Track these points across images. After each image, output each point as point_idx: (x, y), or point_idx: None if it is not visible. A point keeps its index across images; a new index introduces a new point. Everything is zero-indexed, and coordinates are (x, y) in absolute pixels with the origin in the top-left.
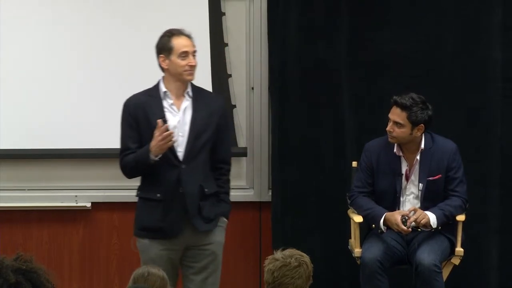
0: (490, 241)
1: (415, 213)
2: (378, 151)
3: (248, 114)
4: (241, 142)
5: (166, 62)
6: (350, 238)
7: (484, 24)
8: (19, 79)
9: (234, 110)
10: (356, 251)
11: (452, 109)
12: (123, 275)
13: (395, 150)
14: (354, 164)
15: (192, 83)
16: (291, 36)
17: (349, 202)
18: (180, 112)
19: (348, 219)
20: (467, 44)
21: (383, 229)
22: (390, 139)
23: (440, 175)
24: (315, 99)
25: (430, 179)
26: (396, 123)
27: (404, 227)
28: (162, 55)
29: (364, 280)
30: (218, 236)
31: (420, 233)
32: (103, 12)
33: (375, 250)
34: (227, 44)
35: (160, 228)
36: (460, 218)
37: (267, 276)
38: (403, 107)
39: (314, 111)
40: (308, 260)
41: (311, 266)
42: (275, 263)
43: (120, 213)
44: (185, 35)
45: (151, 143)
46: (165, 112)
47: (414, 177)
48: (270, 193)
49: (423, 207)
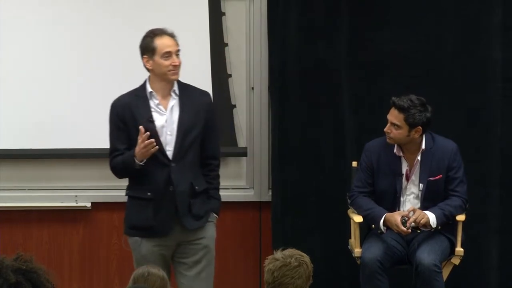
0: (490, 241)
1: (414, 213)
2: (378, 151)
3: (248, 114)
4: (241, 142)
5: (150, 62)
6: (350, 238)
7: (484, 24)
8: (19, 79)
9: (234, 110)
10: (356, 251)
11: (452, 109)
12: (123, 275)
13: (395, 150)
14: (354, 164)
15: (178, 80)
16: (291, 36)
17: (349, 202)
18: (167, 111)
19: (348, 219)
20: (467, 44)
21: (383, 229)
22: (388, 140)
23: (440, 175)
24: (315, 99)
25: (430, 179)
26: (393, 124)
27: (403, 228)
28: (145, 55)
29: (364, 280)
30: (209, 231)
31: (420, 233)
32: (103, 12)
33: (375, 250)
34: (227, 44)
35: (151, 227)
36: (460, 218)
37: (267, 276)
38: (401, 109)
39: (314, 111)
40: (308, 260)
41: (311, 266)
42: (275, 263)
43: (120, 213)
44: (167, 35)
45: (136, 149)
46: (152, 112)
47: (415, 177)
48: (270, 193)
49: (423, 207)
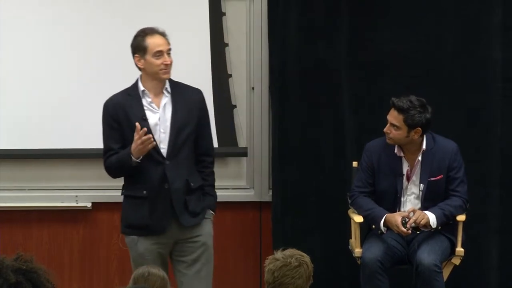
0: (490, 241)
1: (414, 214)
2: (379, 151)
3: (248, 114)
4: (241, 142)
5: (142, 61)
6: (350, 238)
7: (484, 24)
8: (19, 79)
9: (234, 110)
10: (357, 251)
11: (452, 109)
12: (123, 275)
13: (395, 150)
14: (354, 164)
15: (170, 78)
16: (291, 36)
17: (349, 202)
18: (160, 109)
19: (348, 219)
20: (467, 44)
21: (383, 230)
22: (387, 140)
23: (441, 176)
24: (315, 99)
25: (431, 179)
26: (393, 125)
27: (404, 229)
28: (137, 55)
29: (365, 280)
30: (206, 227)
31: (420, 233)
32: (103, 12)
33: (375, 250)
34: (227, 44)
35: (147, 225)
36: (461, 218)
37: (268, 276)
38: (400, 110)
39: (314, 111)
40: (308, 260)
41: (312, 266)
42: (275, 263)
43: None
44: (159, 34)
45: (132, 146)
46: (145, 111)
47: (415, 177)
48: (270, 193)
49: (424, 207)
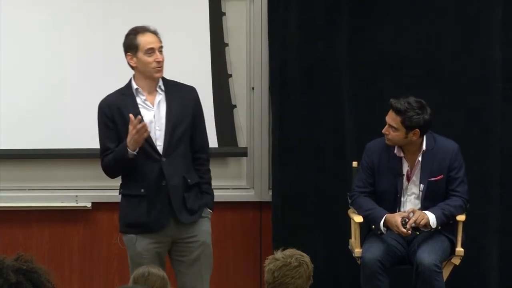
0: (490, 241)
1: (414, 214)
2: (379, 151)
3: (248, 114)
4: (241, 142)
5: (134, 60)
6: (350, 238)
7: (484, 24)
8: (19, 79)
9: (234, 110)
10: (357, 251)
11: (452, 109)
12: (123, 275)
13: (395, 151)
14: (355, 164)
15: (163, 76)
16: (291, 36)
17: (349, 202)
18: (154, 106)
19: (348, 219)
20: (467, 44)
21: (383, 230)
22: (386, 141)
23: (441, 176)
24: (315, 99)
25: (431, 179)
26: (391, 126)
27: (404, 229)
28: (129, 53)
29: (365, 280)
30: (204, 226)
31: (420, 233)
32: (103, 12)
33: (375, 250)
34: (227, 44)
35: (145, 223)
36: (461, 218)
37: (268, 276)
38: (398, 112)
39: (314, 111)
40: (308, 260)
41: (312, 266)
42: (275, 263)
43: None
44: (150, 32)
45: (127, 138)
46: (139, 109)
47: (415, 177)
48: (270, 193)
49: (424, 207)
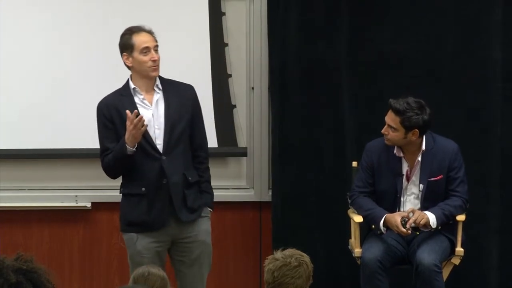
0: (490, 241)
1: (413, 214)
2: (379, 151)
3: (248, 114)
4: (241, 142)
5: (130, 59)
6: (350, 238)
7: (484, 24)
8: (19, 79)
9: (234, 110)
10: (356, 251)
11: (452, 109)
12: (123, 275)
13: (395, 151)
14: (354, 164)
15: (160, 75)
16: (291, 36)
17: (349, 202)
18: (153, 105)
19: (348, 219)
20: (467, 44)
21: (383, 230)
22: (386, 141)
23: (441, 176)
24: (315, 99)
25: (431, 179)
26: (390, 126)
27: (403, 229)
28: (125, 53)
29: (365, 280)
30: (204, 225)
31: (420, 233)
32: (103, 12)
33: (375, 250)
34: (227, 44)
35: (146, 222)
36: (460, 218)
37: (267, 276)
38: (397, 112)
39: (314, 111)
40: (308, 260)
41: (311, 266)
42: (275, 263)
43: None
44: (145, 31)
45: (125, 135)
46: (138, 108)
47: (415, 177)
48: (270, 193)
49: (424, 207)
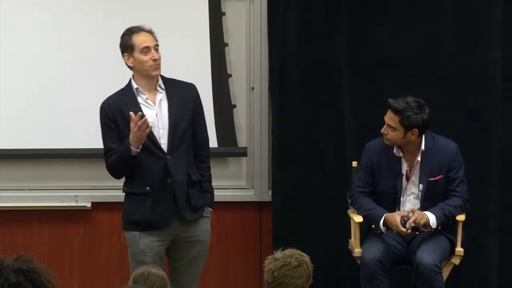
0: (490, 241)
1: (413, 214)
2: (378, 151)
3: (248, 114)
4: (241, 142)
5: (131, 60)
6: (350, 238)
7: (484, 24)
8: (19, 78)
9: (234, 110)
10: (356, 251)
11: (452, 109)
12: (123, 275)
13: (394, 151)
14: (354, 164)
15: (162, 75)
16: (291, 36)
17: (349, 202)
18: (156, 105)
19: (348, 219)
20: (467, 44)
21: (382, 230)
22: (385, 141)
23: (441, 176)
24: (315, 99)
25: (430, 179)
26: (389, 126)
27: (403, 229)
28: (125, 53)
29: (364, 280)
30: (205, 225)
31: (420, 233)
32: (103, 12)
33: (375, 250)
34: (227, 44)
35: (150, 221)
36: (460, 218)
37: (267, 275)
38: (396, 111)
39: (314, 111)
40: (308, 260)
41: (311, 266)
42: (275, 263)
43: (120, 213)
44: (144, 31)
45: (130, 136)
46: (141, 108)
47: (415, 177)
48: (270, 193)
49: (423, 207)
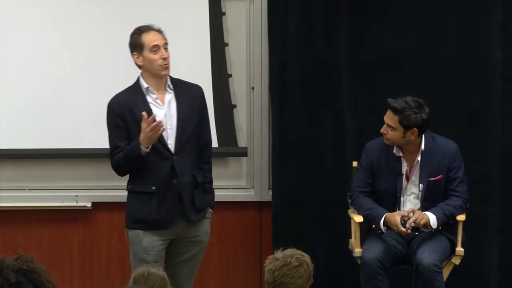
0: (490, 241)
1: (413, 214)
2: (378, 151)
3: (248, 114)
4: (241, 142)
5: (140, 58)
6: (350, 238)
7: (484, 24)
8: (19, 78)
9: (234, 110)
10: (357, 251)
11: (452, 109)
12: (123, 275)
13: (394, 151)
14: (354, 164)
15: (169, 75)
16: (291, 36)
17: (349, 201)
18: (165, 105)
19: (348, 219)
20: (467, 44)
21: (383, 229)
22: (385, 141)
23: (441, 176)
24: (315, 99)
25: (430, 179)
26: (389, 126)
27: (403, 229)
28: (135, 52)
29: (365, 280)
30: (206, 226)
31: (420, 233)
32: (103, 12)
33: (375, 250)
34: (227, 44)
35: (155, 220)
36: (461, 218)
37: (268, 275)
38: (395, 111)
39: (314, 111)
40: (308, 259)
41: (312, 266)
42: (275, 263)
43: (120, 213)
44: (154, 30)
45: (140, 136)
46: (150, 107)
47: (415, 177)
48: (270, 193)
49: (424, 207)
